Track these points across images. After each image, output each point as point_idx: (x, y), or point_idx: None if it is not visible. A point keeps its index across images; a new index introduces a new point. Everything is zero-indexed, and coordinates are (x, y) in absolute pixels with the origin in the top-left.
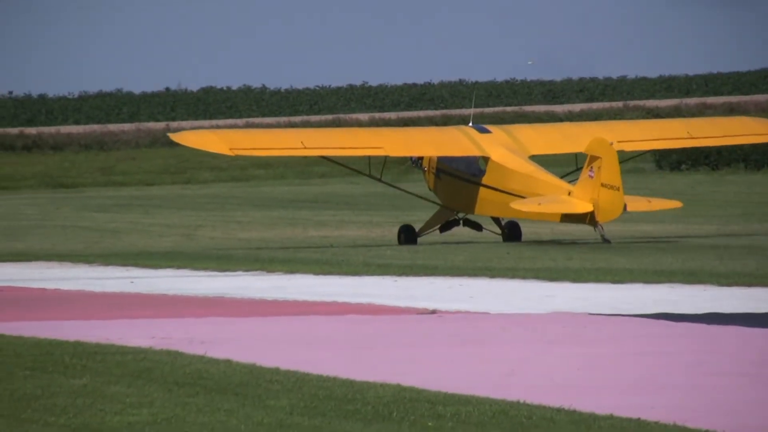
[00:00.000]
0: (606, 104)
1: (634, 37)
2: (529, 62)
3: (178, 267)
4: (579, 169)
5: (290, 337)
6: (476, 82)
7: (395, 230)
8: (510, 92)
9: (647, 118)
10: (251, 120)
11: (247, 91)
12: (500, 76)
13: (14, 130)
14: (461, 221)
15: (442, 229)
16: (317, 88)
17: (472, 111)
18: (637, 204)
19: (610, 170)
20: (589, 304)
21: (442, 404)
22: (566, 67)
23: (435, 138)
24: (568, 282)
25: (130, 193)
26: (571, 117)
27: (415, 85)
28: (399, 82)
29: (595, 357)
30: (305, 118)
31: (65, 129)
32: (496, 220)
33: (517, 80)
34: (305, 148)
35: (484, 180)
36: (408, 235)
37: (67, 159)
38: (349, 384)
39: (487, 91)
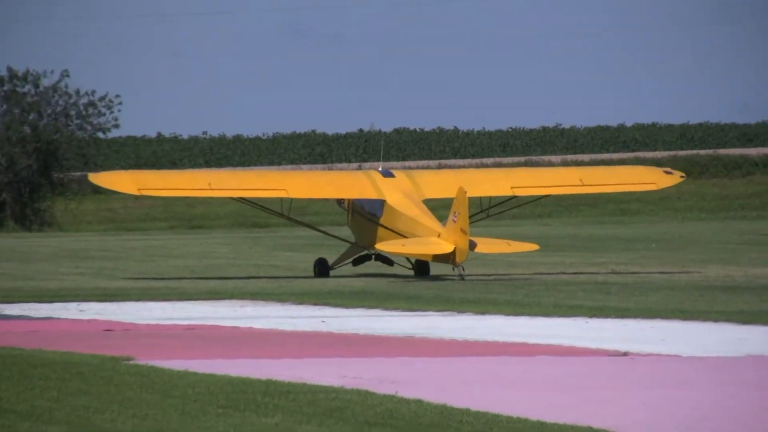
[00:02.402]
0: None
1: None
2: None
3: (369, 307)
4: (484, 211)
5: (480, 378)
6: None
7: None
8: (704, 135)
9: None
10: (444, 162)
11: (439, 132)
12: (693, 119)
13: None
14: (373, 256)
15: (355, 262)
16: (509, 130)
17: (381, 163)
18: (497, 246)
19: (464, 217)
20: None
21: None
22: (763, 111)
23: (337, 181)
24: (762, 325)
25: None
26: (765, 160)
27: (608, 127)
28: (592, 123)
29: None
30: (497, 159)
31: (259, 169)
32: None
33: (711, 123)
34: (212, 189)
35: (381, 221)
36: (322, 268)
37: (260, 200)
38: (540, 426)
39: (680, 134)
